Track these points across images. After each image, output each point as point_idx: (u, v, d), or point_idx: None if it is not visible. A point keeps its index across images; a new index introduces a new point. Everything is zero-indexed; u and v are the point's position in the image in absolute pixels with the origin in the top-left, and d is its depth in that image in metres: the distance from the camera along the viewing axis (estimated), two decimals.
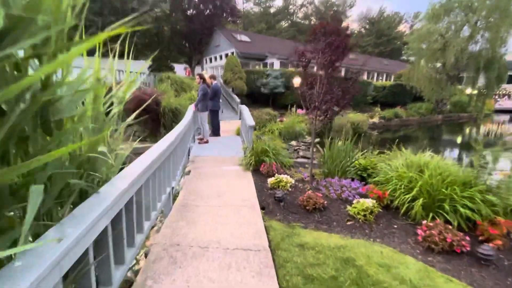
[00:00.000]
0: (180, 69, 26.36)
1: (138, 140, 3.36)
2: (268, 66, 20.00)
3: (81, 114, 1.53)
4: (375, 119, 16.45)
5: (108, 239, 1.56)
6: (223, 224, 2.98)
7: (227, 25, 29.54)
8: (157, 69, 20.37)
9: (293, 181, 4.26)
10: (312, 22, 38.24)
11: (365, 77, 25.17)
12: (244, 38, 22.34)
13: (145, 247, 2.85)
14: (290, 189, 4.11)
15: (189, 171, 5.03)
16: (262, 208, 3.65)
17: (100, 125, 1.72)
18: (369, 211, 3.18)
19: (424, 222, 2.82)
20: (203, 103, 6.44)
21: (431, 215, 2.93)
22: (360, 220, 3.19)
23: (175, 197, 3.97)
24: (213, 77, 7.38)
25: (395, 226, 3.13)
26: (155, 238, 2.88)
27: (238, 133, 9.35)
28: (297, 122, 10.91)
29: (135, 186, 2.02)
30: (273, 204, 3.73)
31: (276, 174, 4.38)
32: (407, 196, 3.11)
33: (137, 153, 3.53)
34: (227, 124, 11.38)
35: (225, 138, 7.72)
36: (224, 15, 26.67)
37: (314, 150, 4.85)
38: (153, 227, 3.59)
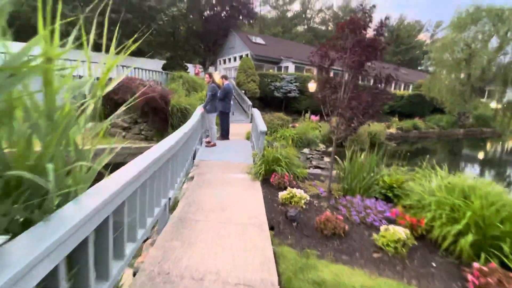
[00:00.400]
0: (193, 69, 26.37)
1: (128, 140, 2.92)
2: (282, 70, 19.56)
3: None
4: (393, 130, 15.66)
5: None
6: (225, 248, 2.50)
7: (243, 28, 29.39)
8: (171, 68, 20.23)
9: (307, 197, 3.74)
10: (330, 28, 37.66)
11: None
12: (259, 40, 22.02)
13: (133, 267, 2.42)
14: (304, 207, 3.59)
15: (193, 177, 4.60)
16: (271, 227, 3.16)
17: (59, 123, 1.27)
18: (401, 243, 2.63)
19: (476, 265, 2.24)
20: (212, 104, 6.02)
21: (483, 255, 2.35)
22: (389, 254, 2.64)
23: (174, 206, 3.53)
24: (224, 77, 6.97)
25: (434, 265, 2.56)
26: (145, 256, 2.44)
27: (248, 137, 8.90)
28: (310, 129, 10.36)
29: (112, 203, 1.58)
30: (285, 223, 3.23)
31: (288, 188, 3.87)
32: (450, 229, 2.54)
33: (135, 153, 3.09)
34: (237, 127, 10.97)
35: (234, 142, 7.27)
36: (241, 17, 26.51)
37: (328, 161, 4.32)
38: (146, 239, 3.17)
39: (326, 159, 8.66)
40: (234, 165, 5.29)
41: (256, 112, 6.17)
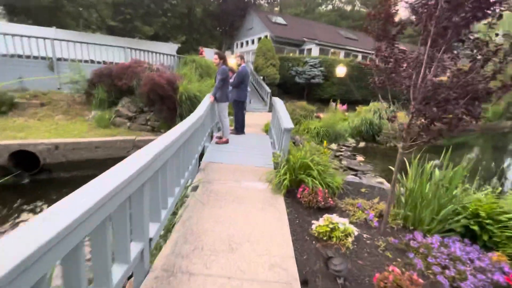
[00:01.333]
0: (210, 54, 25.10)
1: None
2: (305, 53, 17.85)
3: None
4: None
5: None
6: None
7: (262, 8, 27.43)
8: (185, 52, 19.17)
9: (355, 231, 2.57)
10: (356, 7, 34.43)
11: None
12: (280, 20, 20.19)
13: None
14: (351, 247, 2.44)
15: (197, 186, 3.58)
16: (304, 281, 2.07)
17: None
18: None
19: None
20: (223, 91, 4.87)
21: None
22: None
23: (167, 232, 2.54)
24: (240, 57, 5.77)
25: None
26: None
27: (267, 129, 7.73)
28: (338, 120, 8.98)
29: None
30: (325, 277, 2.12)
31: (326, 216, 2.71)
32: None
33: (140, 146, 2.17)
34: (254, 117, 9.80)
35: (250, 138, 6.15)
36: None
37: (361, 160, 3.09)
38: None
39: (359, 157, 7.34)
40: (249, 170, 4.20)
41: (278, 103, 4.95)
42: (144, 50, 10.52)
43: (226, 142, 5.18)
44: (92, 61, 9.50)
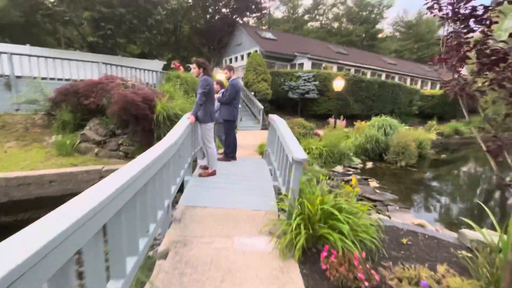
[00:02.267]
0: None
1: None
2: (297, 68, 17.24)
3: None
4: (431, 135, 13.06)
5: None
6: None
7: (251, 23, 27.27)
8: (172, 69, 18.31)
9: None
10: (343, 25, 34.99)
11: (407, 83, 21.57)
12: (270, 35, 19.72)
13: None
14: None
15: (167, 253, 2.38)
16: None
17: None
18: None
19: None
20: (206, 109, 3.75)
21: None
22: None
23: None
24: (229, 68, 4.74)
25: None
26: None
27: (262, 151, 6.63)
28: (341, 138, 7.99)
29: None
30: None
31: None
32: None
33: None
34: (246, 136, 8.72)
35: (244, 164, 5.01)
36: (248, 13, 24.40)
37: (376, 186, 2.06)
38: None
39: (372, 182, 6.27)
40: (245, 216, 3.03)
41: (279, 122, 3.84)
42: (122, 65, 9.43)
43: (213, 174, 4.00)
44: (60, 79, 8.31)
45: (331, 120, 11.37)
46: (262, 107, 12.02)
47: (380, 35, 38.53)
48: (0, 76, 7.48)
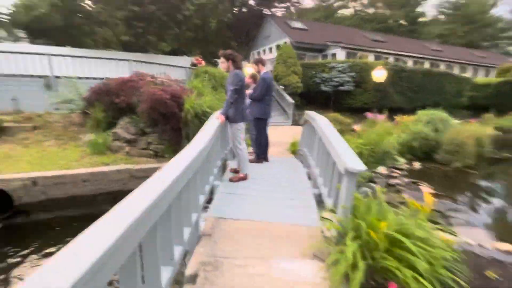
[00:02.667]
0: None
1: None
2: (329, 58, 16.19)
3: None
4: (488, 130, 11.41)
5: None
6: None
7: (278, 14, 26.35)
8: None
9: None
10: (380, 10, 32.36)
11: (455, 71, 19.23)
12: (300, 25, 18.77)
13: None
14: None
15: (195, 276, 2.04)
16: None
17: None
18: None
19: None
20: (237, 108, 3.34)
21: None
22: None
23: None
24: (260, 61, 4.28)
25: None
26: None
27: (294, 149, 6.12)
28: (385, 135, 7.15)
29: None
30: None
31: None
32: None
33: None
34: (277, 133, 8.22)
35: (277, 166, 4.55)
36: (275, 3, 23.52)
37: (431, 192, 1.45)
38: None
39: (425, 187, 5.44)
40: (283, 232, 2.59)
41: (320, 121, 3.29)
42: (151, 62, 9.44)
43: (244, 178, 3.61)
44: (94, 78, 8.50)
45: (370, 115, 10.40)
46: (292, 101, 11.41)
47: (422, 19, 35.07)
48: (40, 77, 7.83)
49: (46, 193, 5.03)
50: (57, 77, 7.97)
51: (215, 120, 3.17)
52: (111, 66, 8.62)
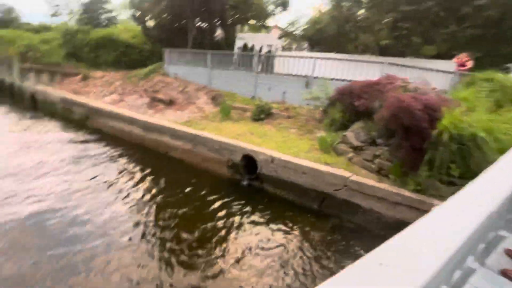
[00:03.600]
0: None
1: None
2: None
3: None
4: None
5: None
6: None
7: None
8: (477, 70, 13.84)
9: None
10: None
11: None
12: None
13: None
14: None
15: None
16: None
17: None
18: None
19: None
20: None
21: None
22: None
23: None
24: None
25: None
26: None
27: None
28: None
29: None
30: None
31: None
32: None
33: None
34: None
35: None
36: None
37: None
38: None
39: None
40: None
41: None
42: (406, 65, 8.12)
43: None
44: (344, 80, 8.83)
45: None
46: None
47: None
48: (304, 76, 9.39)
49: (276, 172, 5.94)
50: (315, 77, 9.15)
51: None
52: (363, 69, 8.46)
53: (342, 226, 5.03)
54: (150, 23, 16.19)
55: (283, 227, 4.82)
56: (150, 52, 16.41)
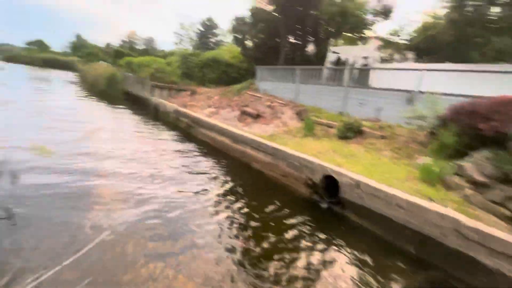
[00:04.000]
0: None
1: None
2: None
3: None
4: None
5: None
6: None
7: None
8: None
9: None
10: None
11: None
12: None
13: None
14: None
15: None
16: None
17: None
18: None
19: None
20: None
21: None
22: None
23: None
24: None
25: None
26: None
27: None
28: None
29: None
30: None
31: None
32: None
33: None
34: None
35: None
36: None
37: None
38: None
39: None
40: None
41: None
42: None
43: None
44: (462, 95, 7.09)
45: None
46: None
47: None
48: (406, 91, 8.08)
49: (362, 199, 5.21)
50: (421, 92, 7.74)
51: None
52: (492, 82, 6.58)
53: (446, 283, 3.87)
54: (248, 44, 17.83)
55: (360, 264, 4.09)
56: (246, 70, 18.06)
